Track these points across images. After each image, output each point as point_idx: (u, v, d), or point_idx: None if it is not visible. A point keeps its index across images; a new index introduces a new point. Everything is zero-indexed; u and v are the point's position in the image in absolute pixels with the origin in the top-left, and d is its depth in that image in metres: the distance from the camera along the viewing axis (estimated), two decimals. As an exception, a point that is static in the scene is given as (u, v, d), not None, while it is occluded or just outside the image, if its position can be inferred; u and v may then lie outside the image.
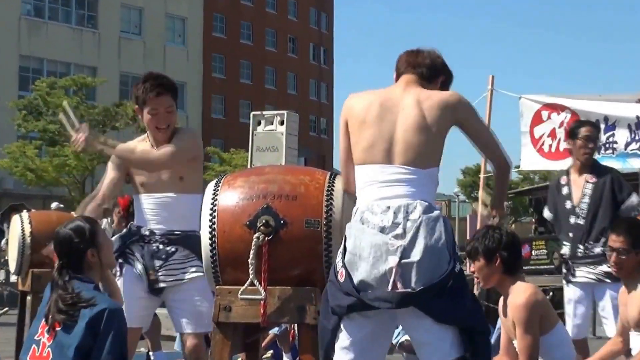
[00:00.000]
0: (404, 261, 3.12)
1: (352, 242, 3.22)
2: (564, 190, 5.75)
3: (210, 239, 3.80)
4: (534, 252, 15.95)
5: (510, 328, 4.14)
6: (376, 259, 3.16)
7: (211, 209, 3.83)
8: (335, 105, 54.63)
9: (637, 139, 8.47)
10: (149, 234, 4.40)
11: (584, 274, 5.57)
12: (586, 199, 5.62)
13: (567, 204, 5.70)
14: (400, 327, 5.79)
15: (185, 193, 4.43)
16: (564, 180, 5.80)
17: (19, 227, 6.69)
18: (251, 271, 3.69)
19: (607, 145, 8.52)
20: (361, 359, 3.24)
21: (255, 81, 48.23)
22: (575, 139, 5.70)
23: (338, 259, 3.30)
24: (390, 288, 3.12)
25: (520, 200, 38.28)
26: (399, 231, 3.16)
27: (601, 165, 5.85)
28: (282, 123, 10.84)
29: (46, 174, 28.32)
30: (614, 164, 7.30)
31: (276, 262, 3.71)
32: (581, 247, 5.59)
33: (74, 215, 7.53)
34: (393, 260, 3.13)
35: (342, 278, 3.23)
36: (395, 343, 6.10)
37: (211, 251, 3.80)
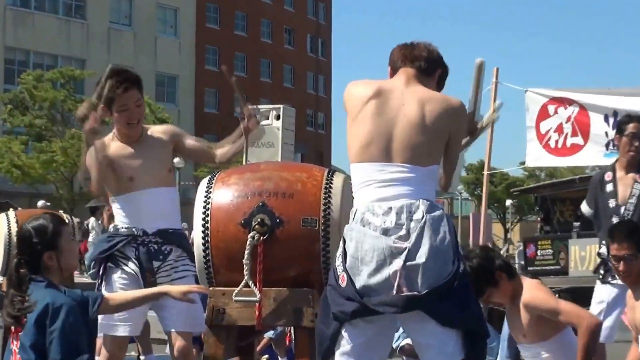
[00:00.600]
0: (409, 263, 3.12)
1: (354, 246, 3.21)
2: (608, 188, 5.66)
3: (204, 238, 3.79)
4: (539, 252, 15.94)
5: (526, 327, 4.17)
6: (380, 262, 3.15)
7: (204, 207, 3.82)
8: (334, 98, 54.65)
9: (648, 134, 8.45)
10: (141, 234, 4.37)
11: None
12: (634, 199, 5.53)
13: (611, 203, 5.62)
14: (400, 331, 5.79)
15: (168, 186, 4.42)
16: (608, 176, 5.70)
17: (4, 226, 6.68)
18: (246, 272, 3.68)
19: (615, 141, 8.48)
20: (361, 363, 3.24)
21: (250, 74, 48.21)
22: (621, 135, 5.65)
23: (338, 262, 3.28)
24: (395, 292, 3.12)
25: (526, 199, 38.35)
26: (402, 232, 3.15)
27: None
28: (278, 117, 10.82)
29: (33, 170, 28.33)
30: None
31: (272, 262, 3.71)
32: None
33: (61, 213, 7.53)
34: (398, 263, 3.12)
35: (343, 283, 3.22)
36: (395, 347, 6.10)
37: (204, 251, 3.79)
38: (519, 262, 16.01)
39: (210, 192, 3.85)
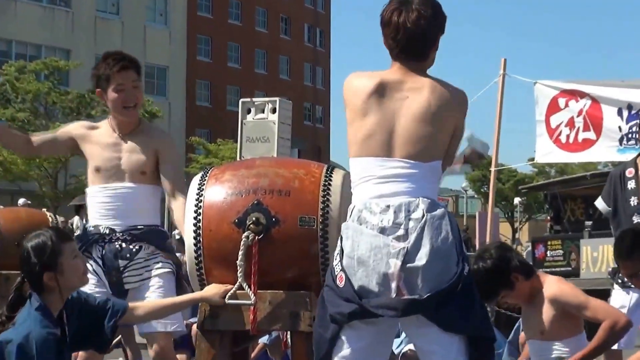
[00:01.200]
0: (408, 265, 3.12)
1: (350, 245, 3.21)
2: (630, 185, 5.61)
3: (195, 238, 3.79)
4: (549, 253, 15.95)
5: (547, 322, 4.18)
6: (376, 262, 3.15)
7: (196, 205, 3.82)
8: (332, 91, 54.66)
9: (663, 128, 8.45)
10: (108, 232, 4.38)
11: None
12: None
13: (633, 201, 5.60)
14: (403, 335, 5.79)
15: (145, 184, 4.42)
16: (630, 172, 5.65)
17: (-17, 225, 6.66)
18: (239, 274, 3.68)
19: (629, 136, 8.48)
20: (362, 368, 3.24)
21: (244, 65, 48.19)
22: None
23: (336, 261, 3.28)
24: (394, 294, 3.12)
25: (535, 196, 38.37)
26: (400, 232, 3.15)
27: None
28: (274, 111, 10.84)
29: (14, 166, 28.28)
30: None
31: (267, 263, 3.71)
32: None
33: (45, 212, 7.52)
34: (395, 265, 3.12)
35: (341, 283, 3.22)
36: (398, 353, 6.11)
37: (196, 251, 3.79)
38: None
39: (203, 189, 3.85)
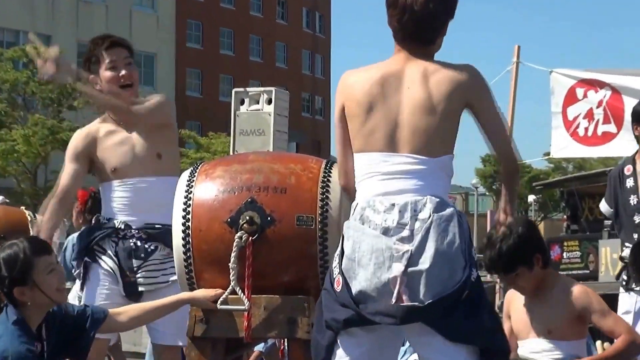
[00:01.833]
0: (410, 269, 3.12)
1: (351, 246, 3.21)
2: (629, 183, 5.67)
3: (184, 238, 3.79)
4: (565, 255, 16.01)
5: (558, 319, 4.20)
6: (378, 265, 3.15)
7: (185, 203, 3.82)
8: (333, 80, 54.66)
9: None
10: (123, 227, 4.40)
11: None
12: None
13: (632, 200, 5.64)
14: (407, 345, 5.79)
15: (163, 175, 4.44)
16: (628, 170, 5.70)
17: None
18: (232, 277, 3.68)
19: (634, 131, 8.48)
20: (362, 379, 3.25)
21: (237, 52, 48.19)
22: (638, 123, 5.65)
23: (335, 263, 3.29)
24: (394, 300, 3.12)
25: (550, 194, 38.41)
26: (405, 233, 3.15)
27: None
28: (269, 102, 10.78)
29: (-10, 161, 28.32)
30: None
31: (262, 266, 3.71)
32: None
33: (23, 210, 7.53)
34: (398, 268, 3.12)
35: (338, 287, 3.23)
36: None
37: (185, 253, 3.79)
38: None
39: (192, 186, 3.85)
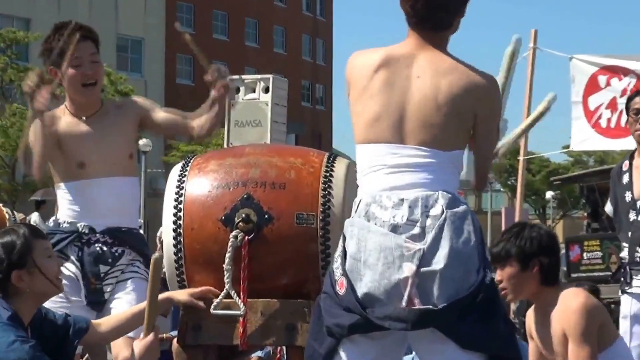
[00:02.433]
0: (423, 270, 3.11)
1: (355, 245, 3.21)
2: (625, 179, 5.72)
3: (175, 238, 3.79)
4: (585, 255, 15.96)
5: (557, 344, 4.16)
6: (387, 265, 3.14)
7: (176, 199, 3.82)
8: (335, 67, 54.63)
9: None
10: (87, 231, 4.38)
11: None
12: None
13: (627, 196, 5.69)
14: (413, 354, 5.79)
15: (129, 175, 4.43)
16: (625, 166, 5.75)
17: None
18: (227, 279, 3.69)
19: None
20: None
21: (232, 37, 48.16)
22: (628, 113, 5.68)
23: (336, 264, 3.28)
24: (404, 304, 3.12)
25: (570, 189, 38.37)
26: (416, 231, 3.15)
27: None
28: (266, 90, 10.80)
29: (-35, 155, 28.32)
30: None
31: (259, 267, 3.71)
32: None
33: (1, 207, 7.54)
34: (409, 269, 3.12)
35: (342, 289, 3.21)
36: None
37: (176, 254, 3.79)
38: (561, 267, 16.05)
39: (184, 181, 3.85)
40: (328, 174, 3.79)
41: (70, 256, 4.37)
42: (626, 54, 9.37)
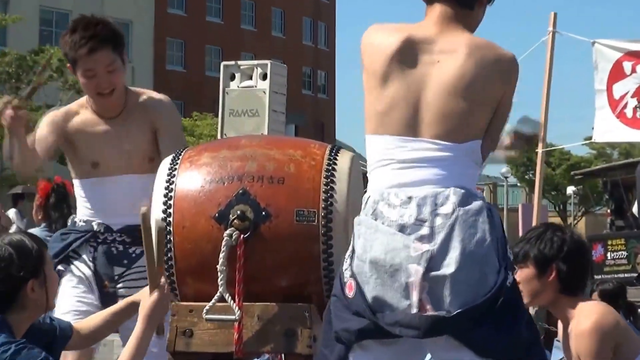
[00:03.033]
0: (433, 274, 3.11)
1: (362, 245, 3.21)
2: None
3: (165, 236, 3.79)
4: (609, 255, 15.99)
5: None
6: (394, 268, 3.14)
7: (166, 195, 3.82)
8: (339, 53, 54.62)
9: None
10: (103, 230, 4.40)
11: None
12: None
13: None
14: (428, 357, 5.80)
15: (148, 172, 4.43)
16: None
17: None
18: (220, 282, 3.69)
19: None
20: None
21: (227, 19, 48.16)
22: None
23: (345, 265, 3.28)
24: (415, 309, 3.11)
25: (592, 184, 38.38)
26: (424, 231, 3.15)
27: None
28: (264, 77, 10.82)
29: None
30: None
31: (255, 268, 3.71)
32: None
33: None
34: (417, 272, 3.11)
35: (351, 292, 3.22)
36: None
37: (165, 254, 3.79)
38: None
39: (174, 175, 3.85)
40: (331, 168, 3.79)
41: (83, 256, 4.40)
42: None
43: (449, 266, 3.11)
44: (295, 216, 3.73)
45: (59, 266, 4.40)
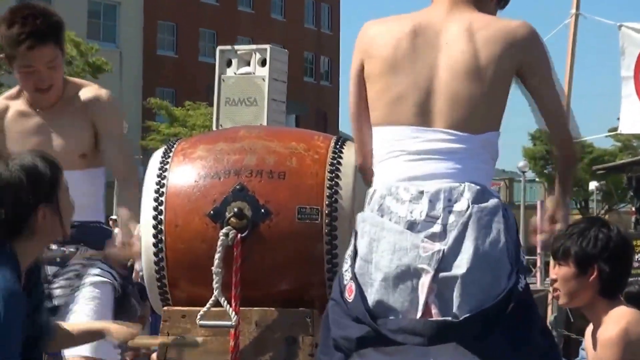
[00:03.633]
0: (442, 275, 3.11)
1: (366, 244, 3.21)
2: None
3: (156, 236, 3.79)
4: (635, 257, 16.04)
5: None
6: (401, 269, 3.14)
7: (157, 191, 3.82)
8: (343, 37, 54.68)
9: None
10: None
11: None
12: None
13: None
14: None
15: (85, 168, 4.43)
16: None
17: None
18: (216, 285, 3.69)
19: None
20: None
21: (223, 2, 48.21)
22: None
23: (346, 266, 3.28)
24: (420, 314, 3.12)
25: (616, 180, 38.41)
26: (436, 229, 3.15)
27: None
28: (263, 63, 10.81)
29: None
30: None
31: (254, 271, 3.72)
32: None
33: None
34: (426, 274, 3.11)
35: (350, 296, 3.22)
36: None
37: (156, 254, 3.80)
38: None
39: (166, 170, 3.86)
40: (335, 162, 3.79)
41: None
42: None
43: (460, 267, 3.12)
44: (297, 214, 3.74)
45: None
